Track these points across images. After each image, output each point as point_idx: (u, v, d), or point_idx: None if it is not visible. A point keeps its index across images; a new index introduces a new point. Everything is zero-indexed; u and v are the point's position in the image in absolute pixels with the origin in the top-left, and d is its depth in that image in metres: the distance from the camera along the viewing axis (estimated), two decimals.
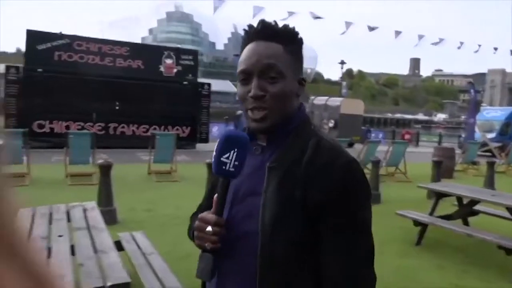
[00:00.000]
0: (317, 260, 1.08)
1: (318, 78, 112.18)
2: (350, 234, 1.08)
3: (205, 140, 16.27)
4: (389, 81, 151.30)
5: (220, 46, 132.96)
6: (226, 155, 1.09)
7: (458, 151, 14.41)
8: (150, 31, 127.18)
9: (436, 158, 8.86)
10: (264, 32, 1.14)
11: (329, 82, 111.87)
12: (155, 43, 79.47)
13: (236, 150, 1.09)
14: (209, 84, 16.82)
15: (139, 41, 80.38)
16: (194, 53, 17.03)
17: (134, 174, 9.51)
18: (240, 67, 1.15)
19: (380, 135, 26.06)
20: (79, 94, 14.06)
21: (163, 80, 15.52)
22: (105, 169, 5.69)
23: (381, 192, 8.15)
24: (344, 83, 43.89)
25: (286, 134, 1.16)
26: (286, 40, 1.15)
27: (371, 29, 31.50)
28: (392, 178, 11.03)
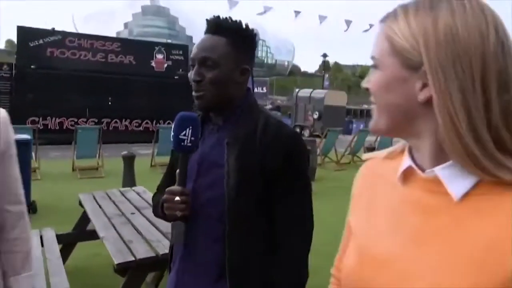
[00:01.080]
0: (271, 211, 1.28)
1: (295, 70, 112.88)
2: (298, 196, 1.30)
3: None
4: (365, 73, 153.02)
5: (197, 40, 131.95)
6: (183, 133, 1.23)
7: None
8: (126, 25, 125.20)
9: None
10: (210, 26, 1.32)
11: (305, 74, 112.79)
12: (131, 37, 78.45)
13: (190, 127, 1.23)
14: None
15: (114, 35, 79.41)
16: (184, 48, 17.31)
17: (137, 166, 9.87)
18: (191, 57, 1.35)
19: (361, 126, 26.84)
20: (72, 90, 14.22)
21: (154, 75, 15.79)
22: (129, 160, 6.11)
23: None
24: (326, 76, 44.81)
25: (236, 115, 1.33)
26: (229, 33, 1.30)
27: (348, 22, 32.30)
28: None
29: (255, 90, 14.88)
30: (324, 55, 36.79)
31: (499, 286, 0.62)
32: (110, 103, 15.06)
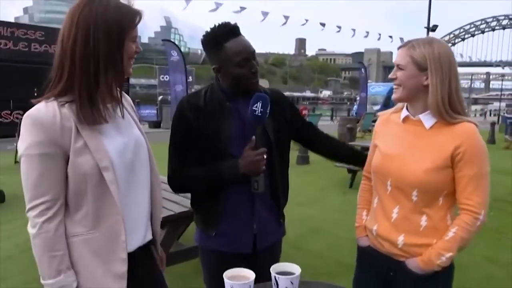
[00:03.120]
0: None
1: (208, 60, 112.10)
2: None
3: None
4: (277, 61, 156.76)
5: None
6: (255, 105, 1.65)
7: None
8: (25, 10, 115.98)
9: (349, 125, 10.93)
10: (237, 30, 1.74)
11: None
12: (32, 24, 72.91)
13: (260, 101, 1.65)
14: None
15: (12, 21, 73.26)
16: None
17: None
18: (242, 56, 1.70)
19: None
20: None
21: None
22: None
23: (309, 155, 9.89)
24: None
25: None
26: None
27: (264, 14, 33.54)
28: None
29: (187, 79, 15.28)
30: None
31: (444, 162, 1.51)
32: (36, 94, 14.48)
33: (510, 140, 14.67)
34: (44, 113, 1.27)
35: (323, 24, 34.57)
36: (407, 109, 1.66)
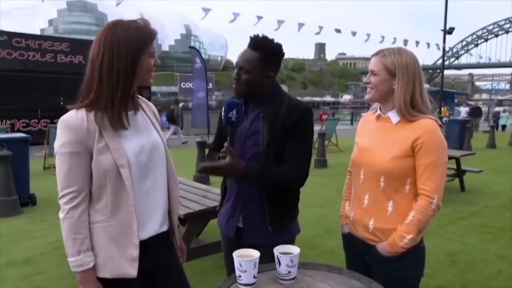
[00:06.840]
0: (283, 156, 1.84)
1: (228, 65, 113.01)
2: (300, 143, 1.85)
3: None
4: (297, 66, 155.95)
5: None
6: (230, 112, 1.75)
7: None
8: (50, 22, 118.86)
9: None
10: (251, 42, 1.87)
11: None
12: (57, 35, 74.76)
13: (235, 109, 1.75)
14: None
15: (38, 32, 75.02)
16: None
17: None
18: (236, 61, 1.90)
19: None
20: (22, 91, 14.15)
21: None
22: (201, 145, 7.80)
23: (327, 159, 10.03)
24: None
25: (266, 100, 1.89)
26: (262, 50, 1.84)
27: (280, 22, 34.09)
28: (326, 149, 13.01)
29: (207, 86, 15.57)
30: None
31: (406, 151, 1.71)
32: (61, 103, 15.10)
33: None
34: (75, 118, 1.48)
35: (338, 31, 35.11)
36: (380, 109, 1.88)
